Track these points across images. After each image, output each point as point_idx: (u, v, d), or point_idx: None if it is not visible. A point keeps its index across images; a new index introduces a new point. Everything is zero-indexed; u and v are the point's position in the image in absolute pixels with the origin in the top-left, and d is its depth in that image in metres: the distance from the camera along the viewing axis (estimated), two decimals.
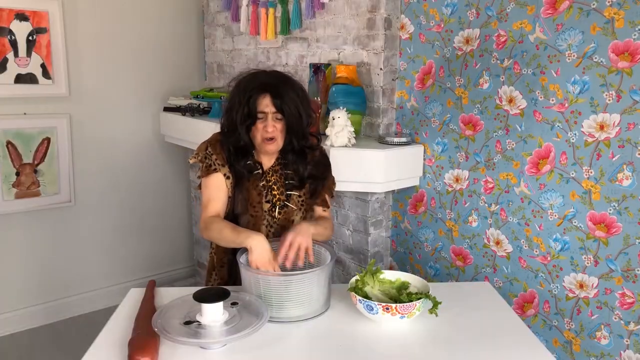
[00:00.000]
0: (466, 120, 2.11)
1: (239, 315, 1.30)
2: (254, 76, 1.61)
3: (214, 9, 3.26)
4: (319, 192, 1.72)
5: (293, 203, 1.68)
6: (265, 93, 1.55)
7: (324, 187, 1.73)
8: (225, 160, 1.63)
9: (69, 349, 2.83)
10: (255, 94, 1.55)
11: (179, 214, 3.60)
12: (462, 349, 1.27)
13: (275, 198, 1.66)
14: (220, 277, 1.72)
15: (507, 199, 2.00)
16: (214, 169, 1.62)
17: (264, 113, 1.56)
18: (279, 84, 1.58)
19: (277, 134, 1.58)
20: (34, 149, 2.93)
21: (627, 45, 1.62)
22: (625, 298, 1.71)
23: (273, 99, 1.55)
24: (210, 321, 1.26)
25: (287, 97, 1.56)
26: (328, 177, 1.75)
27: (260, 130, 1.57)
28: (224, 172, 1.63)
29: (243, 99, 1.56)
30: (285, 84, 1.59)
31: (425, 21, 2.20)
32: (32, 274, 3.05)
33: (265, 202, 1.65)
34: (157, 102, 3.36)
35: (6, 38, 2.75)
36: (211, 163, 1.63)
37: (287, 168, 1.68)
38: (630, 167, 1.66)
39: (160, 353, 1.21)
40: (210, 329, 1.25)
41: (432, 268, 2.33)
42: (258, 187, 1.64)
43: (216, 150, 1.63)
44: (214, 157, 1.63)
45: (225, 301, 1.27)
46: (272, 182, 1.66)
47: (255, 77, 1.60)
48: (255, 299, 1.36)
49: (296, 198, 1.68)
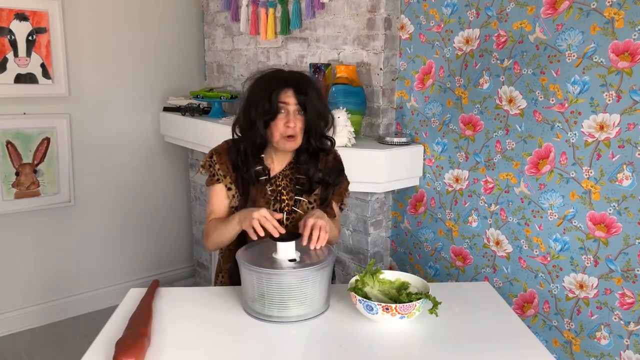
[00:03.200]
0: (466, 120, 2.11)
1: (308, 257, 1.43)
2: (275, 72, 1.56)
3: (214, 9, 3.26)
4: (330, 199, 1.66)
5: (302, 209, 1.62)
6: (288, 87, 1.50)
7: (335, 194, 1.68)
8: (228, 170, 1.60)
9: (69, 349, 2.83)
10: (278, 87, 1.50)
11: (179, 213, 3.60)
12: (462, 349, 1.27)
13: (284, 203, 1.61)
14: (224, 281, 1.70)
15: (507, 199, 2.01)
16: (217, 179, 1.61)
17: (286, 106, 1.51)
18: (302, 81, 1.54)
19: (297, 131, 1.53)
20: (33, 149, 2.93)
21: (627, 46, 1.62)
22: (625, 298, 1.71)
23: (296, 94, 1.50)
24: (284, 259, 1.39)
25: (310, 94, 1.51)
26: (341, 184, 1.70)
27: (281, 127, 1.51)
28: (225, 182, 1.61)
29: (264, 94, 1.50)
30: (308, 82, 1.55)
31: (425, 21, 2.20)
32: (32, 274, 3.05)
33: (273, 209, 1.59)
34: (157, 102, 3.36)
35: (6, 38, 2.75)
36: (214, 172, 1.61)
37: (298, 172, 1.63)
38: (630, 167, 1.66)
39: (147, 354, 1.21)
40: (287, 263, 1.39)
41: (432, 268, 2.33)
42: (267, 194, 1.60)
43: (221, 160, 1.61)
44: (217, 166, 1.61)
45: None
46: (282, 187, 1.62)
47: (277, 74, 1.56)
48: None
49: (305, 205, 1.63)
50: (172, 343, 1.27)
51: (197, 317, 1.40)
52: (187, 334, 1.32)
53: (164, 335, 1.30)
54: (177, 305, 1.47)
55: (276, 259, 1.41)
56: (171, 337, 1.29)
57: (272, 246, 1.45)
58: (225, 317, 1.41)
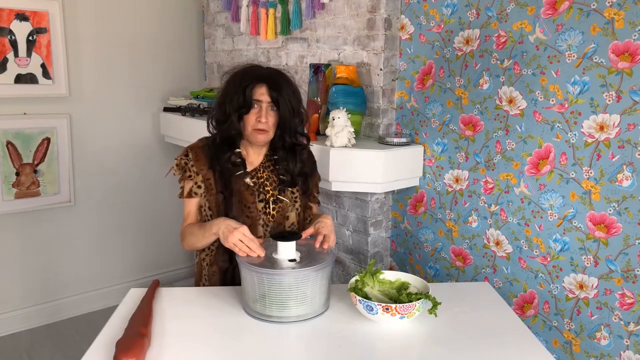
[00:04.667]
0: (466, 120, 2.11)
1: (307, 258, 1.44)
2: (251, 68, 1.63)
3: (214, 9, 3.26)
4: (311, 189, 1.75)
5: (287, 198, 1.68)
6: (262, 83, 1.57)
7: (313, 184, 1.76)
8: (203, 168, 1.63)
9: (69, 349, 2.83)
10: (252, 83, 1.57)
11: (179, 214, 3.56)
12: (461, 350, 1.27)
13: (269, 194, 1.66)
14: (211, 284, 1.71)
15: (507, 199, 2.01)
16: (188, 175, 1.64)
17: (259, 102, 1.57)
18: (276, 77, 1.60)
19: (269, 126, 1.60)
20: (33, 149, 2.93)
21: (627, 46, 1.62)
22: (625, 298, 1.71)
23: (270, 90, 1.57)
24: (284, 259, 1.40)
25: (284, 90, 1.58)
26: (314, 174, 1.78)
27: (253, 120, 1.58)
28: (196, 180, 1.64)
29: (239, 88, 1.57)
30: (283, 79, 1.61)
31: (425, 21, 2.20)
32: (32, 274, 3.05)
33: (259, 201, 1.64)
34: (157, 102, 3.36)
35: (6, 38, 2.75)
36: (187, 169, 1.65)
37: (278, 164, 1.69)
38: (630, 167, 1.66)
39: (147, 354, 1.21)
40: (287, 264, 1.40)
41: (432, 268, 2.33)
42: (250, 186, 1.64)
43: (196, 156, 1.65)
44: (192, 163, 1.64)
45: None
46: (264, 178, 1.67)
47: (252, 69, 1.62)
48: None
49: (289, 193, 1.69)
50: (173, 343, 1.27)
51: (198, 317, 1.41)
52: (187, 334, 1.32)
53: (164, 336, 1.30)
54: (177, 305, 1.47)
55: (276, 259, 1.41)
56: (171, 337, 1.30)
57: (272, 246, 1.45)
58: (225, 317, 1.41)
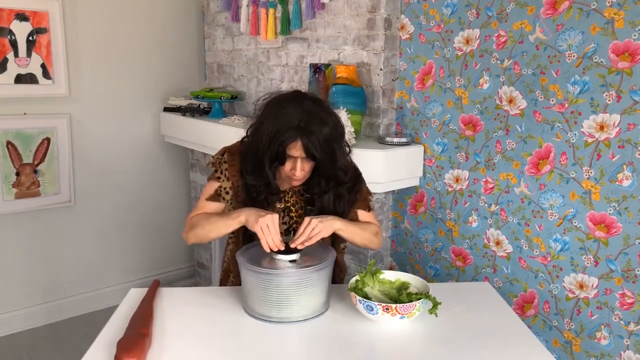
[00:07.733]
0: (466, 120, 2.11)
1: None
2: (286, 112, 1.45)
3: (214, 9, 3.26)
4: (347, 212, 1.61)
5: None
6: (296, 139, 1.42)
7: (358, 201, 1.64)
8: (234, 174, 1.56)
9: (69, 349, 2.83)
10: (287, 140, 1.43)
11: (179, 214, 3.59)
12: (462, 349, 1.27)
13: (292, 220, 1.60)
14: (236, 282, 1.66)
15: (507, 199, 2.01)
16: (217, 176, 1.58)
17: (293, 157, 1.46)
18: (311, 124, 1.43)
19: (304, 175, 1.51)
20: (34, 149, 2.93)
21: (627, 46, 1.62)
22: (625, 298, 1.71)
23: (304, 145, 1.43)
24: (285, 259, 1.42)
25: (321, 139, 1.43)
26: (360, 191, 1.65)
27: (287, 170, 1.49)
28: (225, 185, 1.57)
29: (274, 140, 1.44)
30: (319, 122, 1.44)
31: (425, 21, 2.20)
32: (32, 274, 3.05)
33: (282, 223, 1.58)
34: (157, 102, 3.36)
35: (6, 38, 2.75)
36: (220, 170, 1.58)
37: (308, 192, 1.59)
38: (630, 167, 1.66)
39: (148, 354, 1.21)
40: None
41: (432, 268, 2.33)
42: (275, 208, 1.57)
43: (232, 160, 1.57)
44: (226, 166, 1.58)
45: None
46: (291, 203, 1.61)
47: (287, 115, 1.44)
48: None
49: None
50: (173, 343, 1.27)
51: (198, 317, 1.41)
52: (187, 334, 1.32)
53: (165, 336, 1.30)
54: (177, 306, 1.47)
55: (276, 259, 1.41)
56: (172, 338, 1.30)
57: None
58: (225, 317, 1.41)
